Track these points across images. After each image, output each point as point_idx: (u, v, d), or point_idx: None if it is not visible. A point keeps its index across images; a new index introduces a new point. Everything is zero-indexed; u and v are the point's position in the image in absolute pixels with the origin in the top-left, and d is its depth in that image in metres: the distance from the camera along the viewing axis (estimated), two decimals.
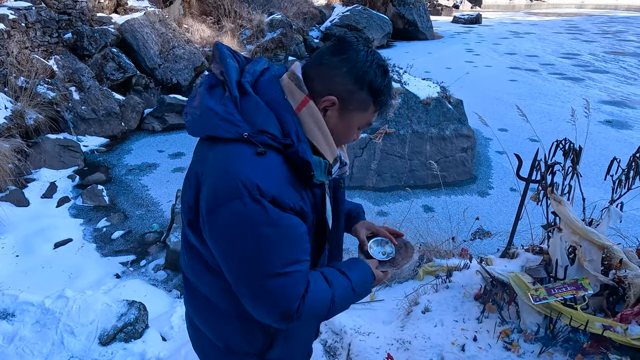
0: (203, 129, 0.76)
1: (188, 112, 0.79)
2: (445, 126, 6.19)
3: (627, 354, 1.38)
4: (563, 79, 10.90)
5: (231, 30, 10.19)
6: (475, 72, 11.39)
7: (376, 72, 0.75)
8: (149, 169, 5.92)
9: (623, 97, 9.39)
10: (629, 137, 6.90)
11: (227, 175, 0.68)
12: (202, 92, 0.76)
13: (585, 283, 1.55)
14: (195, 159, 0.81)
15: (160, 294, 3.65)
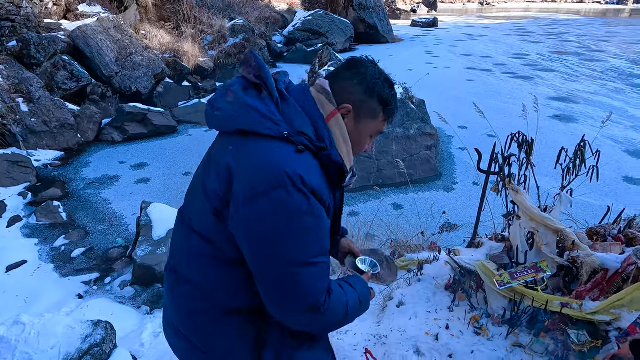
0: (239, 123, 0.79)
1: (219, 107, 0.82)
2: (410, 126, 6.39)
3: (583, 328, 1.49)
4: (515, 78, 11.59)
5: (192, 36, 9.96)
6: (435, 73, 11.85)
7: (384, 84, 0.87)
8: (110, 181, 5.64)
9: (568, 93, 10.14)
10: (575, 130, 7.45)
11: (270, 166, 0.72)
12: (238, 90, 0.81)
13: (544, 265, 1.66)
14: (221, 150, 0.83)
15: (128, 312, 3.48)
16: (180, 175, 5.97)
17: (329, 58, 7.33)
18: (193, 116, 7.97)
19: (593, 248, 1.67)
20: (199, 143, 7.07)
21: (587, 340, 1.46)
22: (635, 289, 1.41)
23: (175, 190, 5.56)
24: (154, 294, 3.70)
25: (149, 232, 4.03)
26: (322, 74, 6.68)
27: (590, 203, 4.67)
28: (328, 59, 7.32)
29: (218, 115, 0.82)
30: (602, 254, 1.60)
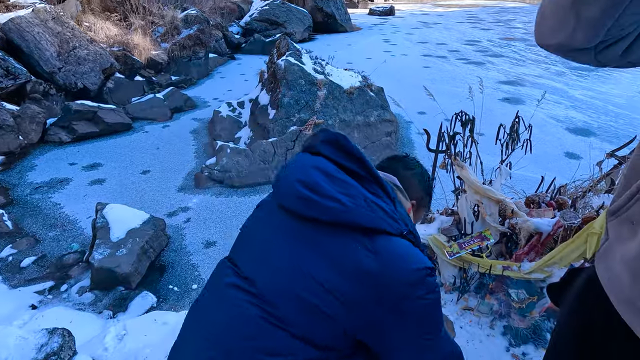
0: (361, 220, 0.74)
1: (325, 193, 0.75)
2: (370, 113, 6.52)
3: (522, 286, 1.64)
4: (468, 64, 12.10)
5: (141, 27, 9.46)
6: (393, 61, 12.10)
7: (431, 183, 1.03)
8: (60, 184, 5.31)
9: (516, 77, 10.75)
10: (522, 111, 7.94)
11: (411, 262, 0.74)
12: (350, 181, 0.78)
13: (488, 234, 1.79)
14: (337, 245, 0.74)
15: (89, 318, 3.34)
16: (138, 174, 5.73)
17: (286, 48, 7.27)
18: (148, 112, 7.63)
19: (529, 215, 1.83)
20: (156, 140, 6.81)
21: (525, 297, 1.61)
22: (563, 248, 1.57)
23: (133, 189, 5.34)
24: (116, 297, 3.58)
25: (107, 234, 3.87)
26: (280, 64, 6.62)
27: (534, 177, 5.03)
28: (286, 48, 7.26)
29: (322, 204, 0.73)
30: (536, 219, 1.76)
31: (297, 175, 0.77)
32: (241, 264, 0.83)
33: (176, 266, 4.07)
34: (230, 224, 4.73)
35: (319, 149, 0.82)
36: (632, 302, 0.50)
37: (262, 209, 0.89)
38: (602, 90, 9.55)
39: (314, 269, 0.72)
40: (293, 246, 0.76)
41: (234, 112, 7.43)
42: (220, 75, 10.70)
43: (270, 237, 0.80)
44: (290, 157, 5.87)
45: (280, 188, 0.81)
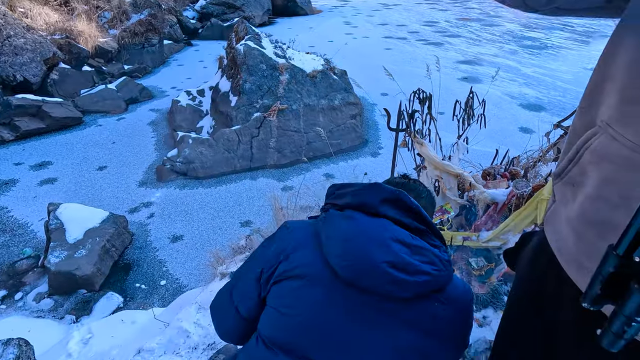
0: (443, 280, 0.76)
1: (414, 269, 0.72)
2: (334, 96, 6.50)
3: (481, 255, 1.72)
4: (427, 45, 12.31)
5: (85, 13, 8.77)
6: (355, 43, 12.07)
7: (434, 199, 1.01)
8: (5, 187, 4.91)
9: (473, 57, 11.09)
10: (479, 89, 8.23)
11: (469, 297, 0.82)
12: (423, 244, 0.76)
13: (448, 207, 1.85)
14: (413, 313, 0.74)
15: (49, 325, 3.17)
16: (94, 170, 5.41)
17: (245, 32, 7.02)
18: (101, 104, 7.17)
19: (486, 186, 1.90)
20: (111, 133, 6.43)
21: (484, 264, 1.69)
22: (517, 215, 1.65)
23: (89, 187, 5.04)
24: (78, 301, 3.41)
25: (62, 236, 3.64)
26: (239, 49, 6.40)
27: (491, 151, 5.27)
28: (245, 32, 7.01)
29: (416, 282, 0.70)
30: (492, 190, 1.84)
31: (383, 256, 0.70)
32: (308, 349, 0.72)
33: (142, 263, 3.92)
34: (197, 217, 4.60)
35: (381, 211, 0.76)
36: (577, 261, 0.52)
37: (306, 278, 0.74)
38: (552, 67, 10.09)
39: (407, 341, 0.72)
40: (377, 326, 0.71)
41: (194, 100, 7.15)
42: (177, 63, 10.20)
43: (345, 318, 0.72)
44: (255, 145, 5.75)
45: (362, 269, 0.70)
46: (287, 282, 0.76)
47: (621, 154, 0.46)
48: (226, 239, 4.09)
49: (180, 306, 2.48)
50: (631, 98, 0.47)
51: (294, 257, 0.77)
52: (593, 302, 0.35)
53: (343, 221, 0.75)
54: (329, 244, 0.74)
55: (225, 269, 2.47)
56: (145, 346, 1.99)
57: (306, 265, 0.75)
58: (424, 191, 0.95)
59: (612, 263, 0.33)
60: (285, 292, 0.76)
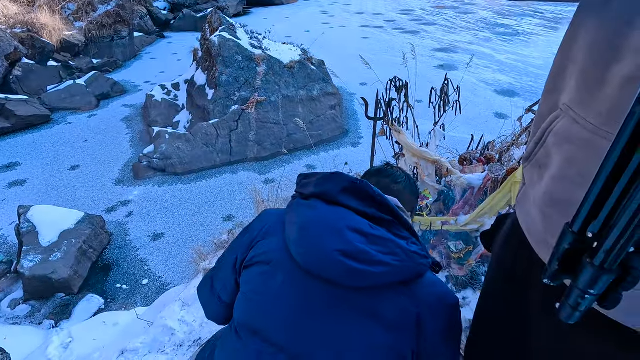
0: (407, 272, 0.72)
1: (371, 258, 0.69)
2: (312, 87, 6.46)
3: (459, 238, 1.77)
4: (404, 33, 12.36)
5: (47, 4, 8.32)
6: (332, 33, 11.99)
7: (416, 184, 0.97)
8: None
9: (449, 44, 11.23)
10: (455, 77, 8.37)
11: (447, 299, 0.76)
12: (385, 234, 0.72)
13: (427, 193, 1.89)
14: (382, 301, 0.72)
15: (26, 331, 3.07)
16: (66, 170, 5.21)
17: (219, 22, 6.85)
18: (70, 101, 6.87)
19: (463, 171, 1.95)
20: (83, 131, 6.18)
21: (462, 247, 1.74)
22: (492, 198, 1.71)
23: (62, 188, 4.86)
24: (57, 305, 3.31)
25: (35, 239, 3.51)
26: (214, 40, 6.24)
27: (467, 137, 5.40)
28: (219, 23, 6.84)
29: (371, 272, 0.68)
30: (469, 175, 1.88)
31: (335, 244, 0.69)
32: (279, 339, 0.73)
33: (122, 263, 3.83)
34: (178, 214, 4.52)
35: (339, 199, 0.75)
36: (545, 241, 0.54)
37: (272, 263, 0.76)
38: (524, 53, 10.34)
39: (372, 338, 0.71)
40: (342, 317, 0.71)
41: (169, 95, 6.95)
42: (150, 56, 9.86)
43: (309, 308, 0.72)
44: (234, 139, 5.66)
45: (314, 256, 0.70)
46: (254, 268, 0.78)
47: (582, 136, 0.47)
48: (208, 234, 4.04)
49: (164, 304, 2.45)
50: (591, 80, 0.47)
51: (262, 243, 0.79)
52: (552, 278, 0.36)
53: (303, 210, 0.76)
54: (289, 231, 0.76)
55: (208, 264, 2.44)
56: (128, 347, 1.96)
57: (272, 252, 0.77)
58: (401, 176, 0.92)
59: (568, 240, 0.34)
60: (252, 277, 0.78)
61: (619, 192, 0.30)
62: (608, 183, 0.30)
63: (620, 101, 0.42)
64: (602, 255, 0.30)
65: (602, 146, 0.44)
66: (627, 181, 0.29)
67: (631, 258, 0.30)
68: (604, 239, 0.30)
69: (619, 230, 0.29)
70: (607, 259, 0.30)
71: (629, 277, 0.31)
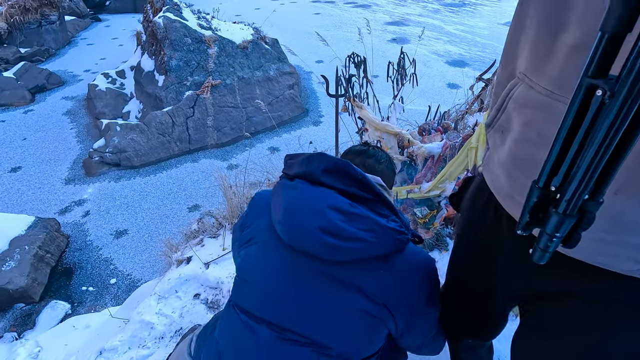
0: (384, 251, 0.76)
1: (351, 235, 0.73)
2: (268, 67, 6.31)
3: (424, 204, 1.88)
4: (356, 7, 12.28)
5: None
6: (283, 10, 11.65)
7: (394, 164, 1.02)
8: None
9: (400, 17, 11.34)
10: (408, 49, 8.52)
11: (425, 265, 0.81)
12: (364, 212, 0.75)
13: None
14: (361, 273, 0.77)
15: None
16: (6, 173, 4.77)
17: (162, 3, 6.40)
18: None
19: (423, 141, 2.05)
20: (19, 129, 5.64)
21: (427, 212, 1.86)
22: (451, 165, 1.82)
23: (4, 192, 4.47)
24: (17, 316, 3.12)
25: None
26: (158, 22, 5.85)
27: (424, 109, 5.60)
28: (161, 3, 6.39)
29: (348, 247, 0.72)
30: (429, 144, 1.99)
31: (316, 221, 0.73)
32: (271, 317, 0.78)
33: (85, 265, 3.66)
34: (140, 208, 4.34)
35: (321, 179, 0.78)
36: (511, 196, 0.61)
37: (266, 248, 0.81)
38: (471, 24, 10.71)
39: (362, 304, 0.76)
40: (326, 289, 0.76)
41: (115, 83, 6.48)
42: (87, 42, 9.06)
43: (294, 282, 0.77)
44: (191, 126, 5.45)
45: (297, 233, 0.75)
46: (248, 249, 0.84)
47: (538, 100, 0.52)
48: (175, 226, 3.94)
49: (138, 300, 2.39)
50: (541, 49, 0.51)
51: (253, 225, 0.85)
52: (524, 228, 0.42)
53: (288, 191, 0.79)
54: (274, 212, 0.80)
55: (180, 255, 2.40)
56: (106, 346, 1.91)
57: (261, 232, 0.82)
58: (383, 156, 0.97)
59: (535, 194, 0.40)
60: (244, 257, 0.84)
61: (573, 152, 0.36)
62: (564, 145, 0.36)
63: (569, 68, 0.47)
64: (564, 204, 0.37)
65: (556, 108, 0.49)
66: (579, 143, 0.35)
67: (587, 204, 0.37)
68: (564, 190, 0.37)
69: (576, 183, 0.35)
70: (569, 207, 0.37)
71: (585, 219, 0.38)
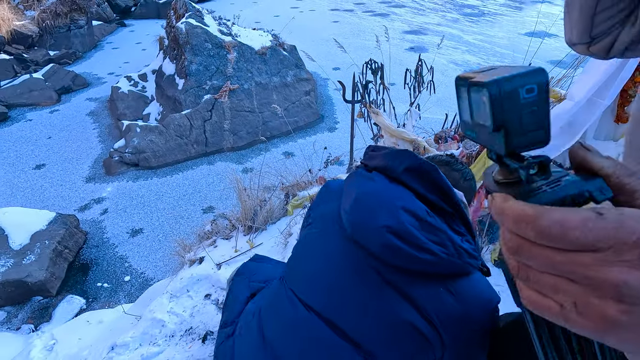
0: (451, 267, 0.69)
1: (419, 243, 0.67)
2: (285, 73, 6.38)
3: None
4: (374, 16, 12.35)
5: None
6: (302, 17, 11.80)
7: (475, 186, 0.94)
8: None
9: (419, 26, 11.33)
10: (426, 58, 8.49)
11: (488, 302, 0.73)
12: (438, 223, 0.69)
13: None
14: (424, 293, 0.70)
15: (4, 337, 2.97)
16: (30, 170, 4.95)
17: (185, 9, 6.59)
18: (27, 96, 6.47)
19: (439, 149, 2.03)
20: (45, 128, 5.86)
21: None
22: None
23: (28, 188, 4.63)
24: (35, 309, 3.21)
25: (5, 243, 3.36)
26: (180, 27, 6.01)
27: (441, 118, 5.55)
28: (184, 9, 6.57)
29: (414, 255, 0.67)
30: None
31: (385, 219, 0.68)
32: (318, 306, 0.74)
33: (101, 262, 3.74)
34: (156, 208, 4.43)
35: (401, 177, 0.73)
36: None
37: (325, 234, 0.77)
38: (490, 34, 10.61)
39: (412, 318, 0.69)
40: (387, 294, 0.70)
41: (137, 86, 6.67)
42: (112, 46, 9.38)
43: (350, 279, 0.72)
44: (208, 130, 5.55)
45: (362, 227, 0.70)
46: (307, 230, 0.83)
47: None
48: (189, 227, 3.99)
49: (150, 299, 2.43)
50: None
51: (318, 209, 0.84)
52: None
53: (362, 180, 0.75)
54: (344, 199, 0.76)
55: (193, 255, 2.43)
56: (118, 341, 1.94)
57: (324, 216, 0.81)
58: (469, 174, 0.88)
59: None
60: (304, 238, 0.83)
61: None
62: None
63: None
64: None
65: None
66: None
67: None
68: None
69: None
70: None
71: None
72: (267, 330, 0.79)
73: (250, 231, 2.41)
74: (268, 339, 0.78)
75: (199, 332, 1.87)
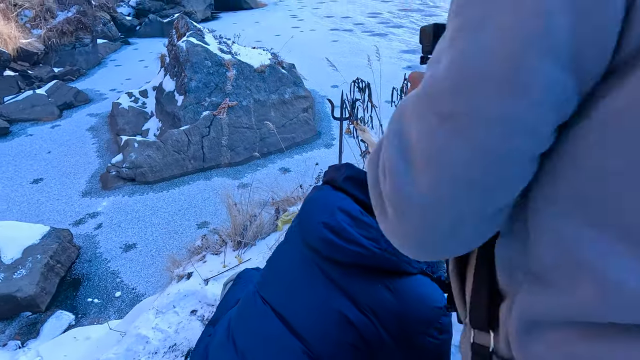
0: (384, 262, 0.75)
1: (352, 238, 0.74)
2: (284, 90, 6.49)
3: None
4: (373, 36, 12.63)
5: (2, 11, 7.94)
6: (302, 37, 12.09)
7: None
8: None
9: (416, 46, 11.57)
10: None
11: (429, 301, 0.75)
12: (373, 222, 0.75)
13: None
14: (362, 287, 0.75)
15: None
16: (28, 184, 4.98)
17: (186, 28, 6.77)
18: (30, 112, 6.57)
19: None
20: (45, 143, 5.93)
21: None
22: None
23: (24, 202, 4.65)
24: (23, 324, 3.17)
25: None
26: (181, 45, 6.16)
27: None
28: (186, 28, 6.76)
29: (345, 248, 0.74)
30: None
31: (323, 217, 0.77)
32: (273, 301, 0.82)
33: (92, 277, 3.72)
34: (150, 223, 4.43)
35: (342, 186, 0.83)
36: None
37: (288, 241, 0.88)
38: None
39: (343, 308, 0.74)
40: (323, 286, 0.76)
41: (137, 102, 6.79)
42: (115, 63, 9.58)
43: (298, 274, 0.80)
44: (206, 145, 5.61)
45: (305, 225, 0.81)
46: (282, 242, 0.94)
47: None
48: (183, 242, 3.98)
49: (138, 315, 2.41)
50: None
51: (292, 223, 0.94)
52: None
53: (314, 191, 0.89)
54: (300, 208, 0.89)
55: (182, 270, 2.43)
56: (102, 358, 1.92)
57: (290, 229, 0.91)
58: None
59: None
60: (276, 249, 0.94)
61: None
62: None
63: None
64: None
65: None
66: None
67: None
68: None
69: None
70: None
71: None
72: (236, 332, 0.86)
73: (240, 246, 2.40)
74: (232, 337, 0.86)
75: (182, 349, 1.85)
